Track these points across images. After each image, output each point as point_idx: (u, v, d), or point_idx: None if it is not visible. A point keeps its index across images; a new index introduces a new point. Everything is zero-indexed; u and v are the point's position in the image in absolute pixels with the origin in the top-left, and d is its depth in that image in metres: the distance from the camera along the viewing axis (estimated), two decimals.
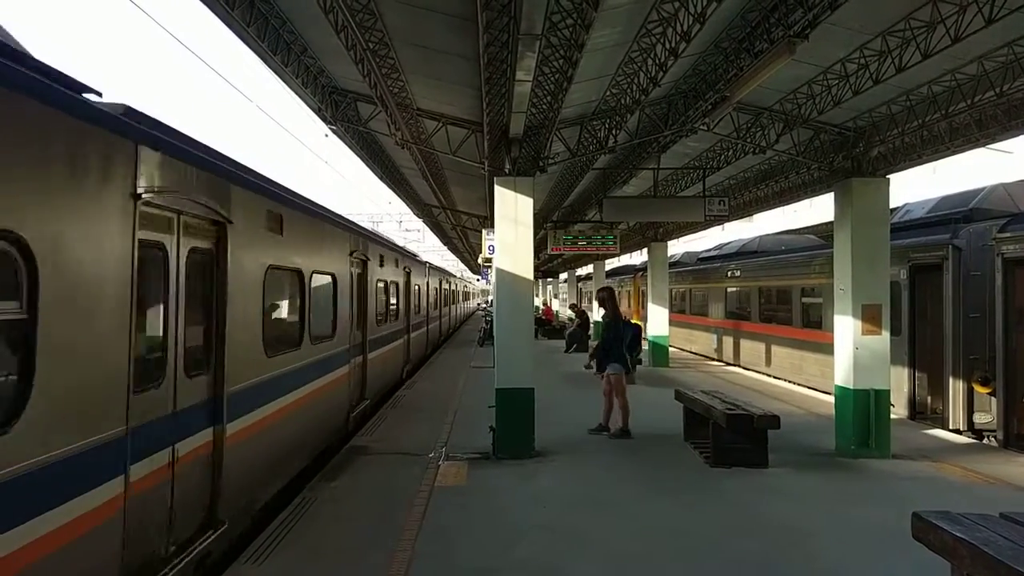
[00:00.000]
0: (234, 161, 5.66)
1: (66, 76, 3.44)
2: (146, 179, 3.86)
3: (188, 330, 4.55)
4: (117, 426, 3.59)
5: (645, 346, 19.45)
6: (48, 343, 3.05)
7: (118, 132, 3.66)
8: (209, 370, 4.87)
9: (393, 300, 13.30)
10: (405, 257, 15.44)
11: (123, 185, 3.67)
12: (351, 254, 9.21)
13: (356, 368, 9.70)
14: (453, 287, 33.00)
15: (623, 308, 32.06)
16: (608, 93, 8.49)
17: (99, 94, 3.71)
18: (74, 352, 3.27)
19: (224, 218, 4.92)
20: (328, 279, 8.10)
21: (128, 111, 3.94)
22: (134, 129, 3.83)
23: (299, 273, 6.88)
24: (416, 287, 16.98)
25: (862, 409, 8.27)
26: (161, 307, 4.26)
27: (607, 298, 9.81)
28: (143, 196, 3.81)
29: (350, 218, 10.95)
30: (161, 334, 4.23)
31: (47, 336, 3.04)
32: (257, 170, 6.24)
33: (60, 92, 3.29)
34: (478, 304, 61.12)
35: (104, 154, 3.52)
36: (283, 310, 6.77)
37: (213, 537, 4.69)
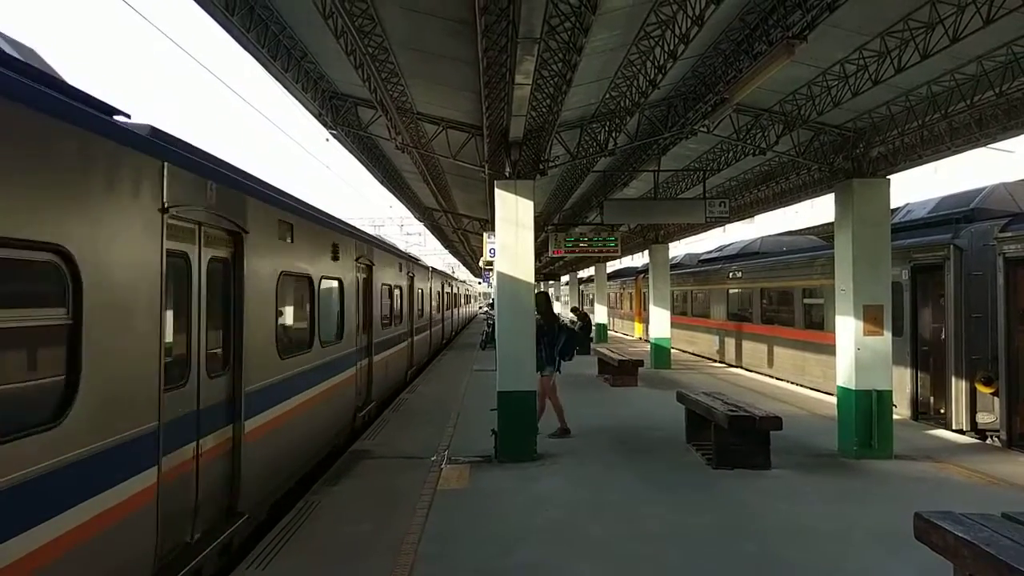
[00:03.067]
0: None
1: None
2: None
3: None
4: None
5: (647, 348, 19.52)
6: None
7: None
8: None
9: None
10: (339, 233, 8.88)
11: None
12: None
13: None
14: (448, 289, 28.05)
15: (624, 310, 32.20)
16: (607, 96, 8.51)
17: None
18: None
19: None
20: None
21: None
22: None
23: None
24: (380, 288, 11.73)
25: (864, 410, 8.27)
26: None
27: (543, 301, 9.70)
28: None
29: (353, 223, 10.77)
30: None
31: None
32: None
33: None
34: (480, 307, 60.91)
35: None
36: None
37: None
